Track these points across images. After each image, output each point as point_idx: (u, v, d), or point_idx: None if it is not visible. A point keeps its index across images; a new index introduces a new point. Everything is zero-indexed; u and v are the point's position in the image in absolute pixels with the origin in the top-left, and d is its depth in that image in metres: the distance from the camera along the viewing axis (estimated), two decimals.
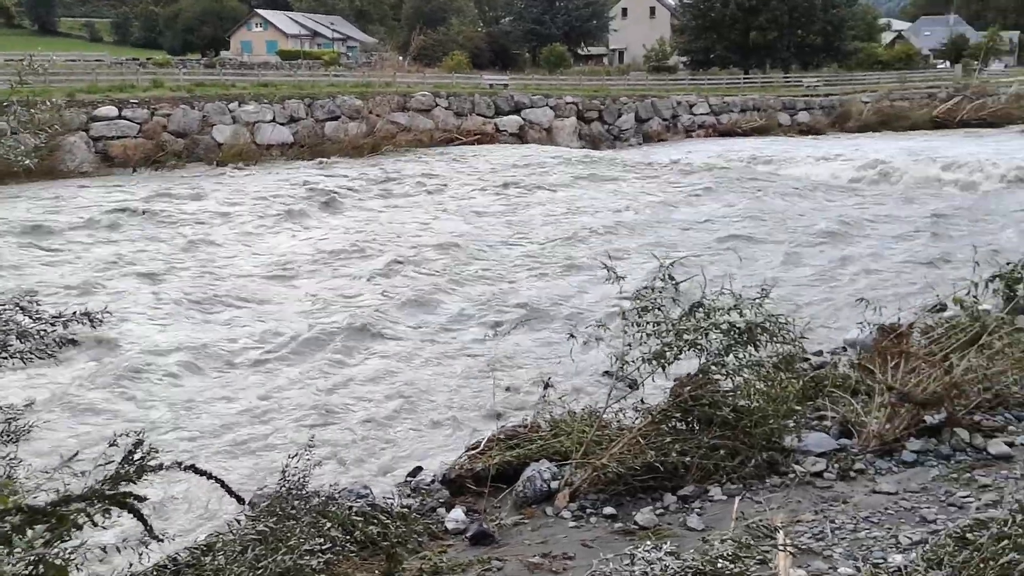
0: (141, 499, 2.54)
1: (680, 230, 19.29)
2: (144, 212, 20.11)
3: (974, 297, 6.77)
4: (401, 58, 62.45)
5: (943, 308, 8.08)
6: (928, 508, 4.29)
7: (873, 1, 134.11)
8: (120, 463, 2.62)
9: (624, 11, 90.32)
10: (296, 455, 4.18)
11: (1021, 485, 4.28)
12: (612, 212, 21.49)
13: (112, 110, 28.78)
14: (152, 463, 2.55)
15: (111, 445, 3.24)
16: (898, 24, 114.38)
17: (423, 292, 13.70)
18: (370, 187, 25.03)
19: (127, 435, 3.28)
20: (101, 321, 3.40)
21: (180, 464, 2.70)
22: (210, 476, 2.93)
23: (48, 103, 4.21)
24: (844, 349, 8.86)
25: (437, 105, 37.42)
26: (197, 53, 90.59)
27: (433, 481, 5.74)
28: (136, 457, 2.90)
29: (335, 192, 23.69)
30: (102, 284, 14.12)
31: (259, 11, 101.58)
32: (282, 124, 32.83)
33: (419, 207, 22.51)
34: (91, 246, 17.13)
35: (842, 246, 17.37)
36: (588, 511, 4.77)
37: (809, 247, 17.30)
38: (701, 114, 44.50)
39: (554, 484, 5.01)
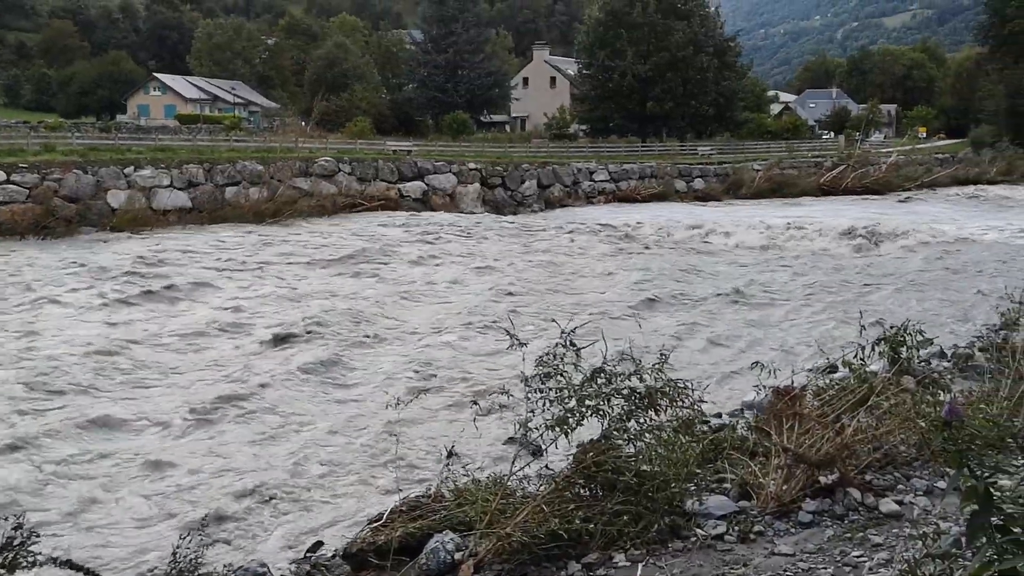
0: None
1: (583, 295, 19.56)
2: None
3: (862, 359, 7.03)
4: (304, 123, 62.29)
5: (834, 370, 8.35)
6: (824, 569, 4.38)
7: (762, 74, 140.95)
8: None
9: (525, 80, 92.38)
10: (187, 535, 4.01)
11: (910, 544, 4.42)
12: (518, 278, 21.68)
13: None
14: (26, 558, 2.41)
15: None
16: (785, 96, 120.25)
17: (320, 360, 13.42)
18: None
19: (5, 519, 3.11)
20: None
21: (56, 559, 2.56)
22: (88, 572, 2.78)
23: None
24: (742, 411, 9.05)
25: (340, 171, 37.31)
26: (92, 116, 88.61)
27: (334, 556, 5.58)
28: (16, 542, 2.75)
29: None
30: None
31: (157, 75, 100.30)
32: (180, 189, 32.16)
33: (315, 273, 22.28)
34: None
35: (743, 309, 17.87)
36: None
37: (709, 310, 17.74)
38: (601, 181, 45.51)
39: (458, 555, 4.93)
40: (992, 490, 2.34)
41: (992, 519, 2.33)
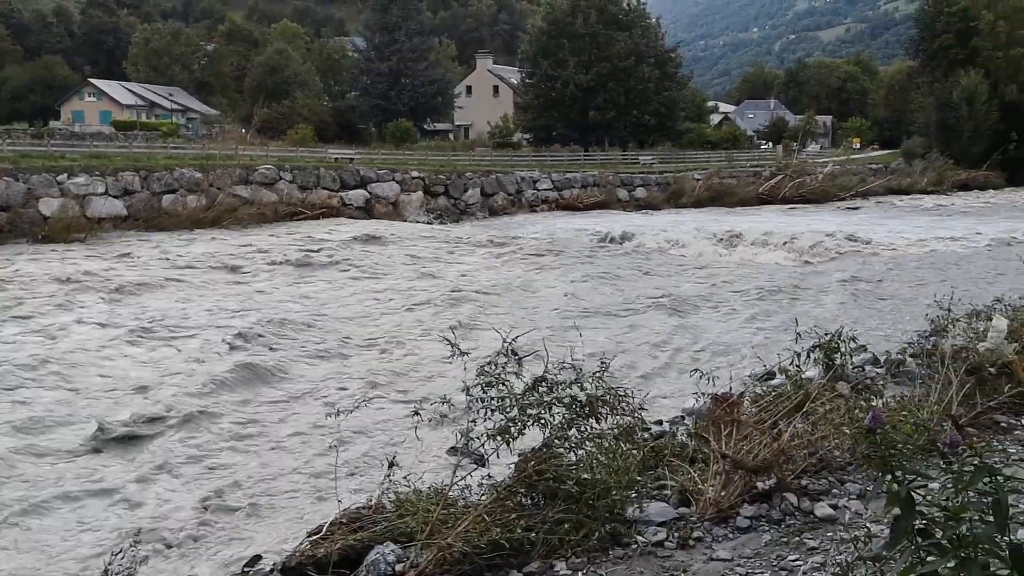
0: None
1: (528, 305, 19.61)
2: None
3: (797, 366, 7.17)
4: (244, 130, 61.44)
5: (771, 376, 8.50)
6: (761, 573, 4.45)
7: (702, 85, 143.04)
8: None
9: (469, 89, 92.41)
10: (120, 551, 3.93)
11: (843, 547, 4.51)
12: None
13: None
14: None
15: None
16: (725, 107, 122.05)
17: (258, 370, 13.23)
18: None
19: None
20: None
21: None
22: None
23: None
24: (683, 418, 9.14)
25: (281, 178, 36.94)
26: (24, 123, 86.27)
27: (272, 571, 5.50)
28: None
29: None
30: None
31: (92, 80, 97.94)
32: (115, 197, 31.59)
33: (258, 284, 22.01)
34: None
35: (682, 316, 18.06)
36: None
37: (650, 317, 17.90)
38: (544, 189, 45.76)
39: (399, 567, 4.90)
40: (915, 494, 2.41)
41: (914, 523, 2.40)
